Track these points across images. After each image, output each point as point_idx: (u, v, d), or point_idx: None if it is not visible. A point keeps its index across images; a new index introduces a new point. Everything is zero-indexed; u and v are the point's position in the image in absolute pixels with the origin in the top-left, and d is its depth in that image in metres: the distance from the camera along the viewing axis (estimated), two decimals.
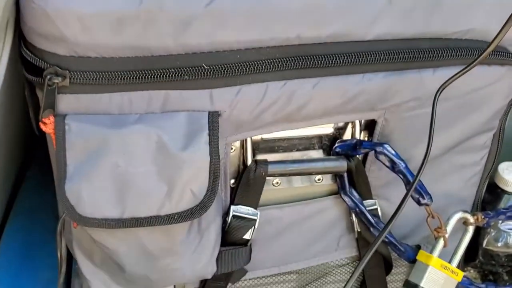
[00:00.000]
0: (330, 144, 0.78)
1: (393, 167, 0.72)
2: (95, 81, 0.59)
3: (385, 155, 0.72)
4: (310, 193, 0.80)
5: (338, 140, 0.76)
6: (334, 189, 0.80)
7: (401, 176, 0.72)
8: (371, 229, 0.78)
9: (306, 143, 0.77)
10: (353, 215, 0.80)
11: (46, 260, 0.90)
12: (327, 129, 0.77)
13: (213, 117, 0.63)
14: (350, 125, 0.76)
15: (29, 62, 0.60)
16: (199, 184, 0.62)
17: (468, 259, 0.97)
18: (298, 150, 0.77)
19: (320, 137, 0.77)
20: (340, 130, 0.77)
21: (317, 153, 0.78)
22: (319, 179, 0.78)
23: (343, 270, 0.90)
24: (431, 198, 0.73)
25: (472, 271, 1.01)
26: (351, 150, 0.74)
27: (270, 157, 0.75)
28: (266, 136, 0.74)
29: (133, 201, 0.61)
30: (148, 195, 0.61)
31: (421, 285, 0.77)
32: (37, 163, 1.10)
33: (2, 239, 0.92)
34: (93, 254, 0.68)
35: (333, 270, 0.88)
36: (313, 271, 0.87)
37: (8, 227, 0.95)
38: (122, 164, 0.60)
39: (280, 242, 0.80)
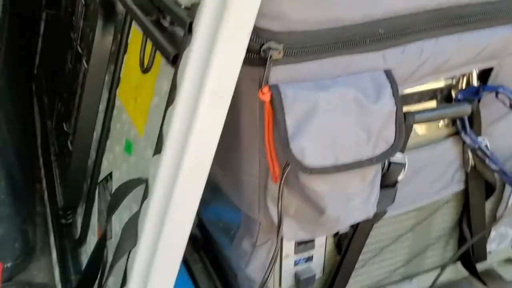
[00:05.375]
0: (447, 94, 0.92)
1: (510, 104, 0.87)
2: (301, 52, 0.70)
3: (505, 94, 0.87)
4: (433, 137, 0.94)
5: (460, 89, 0.90)
6: (451, 131, 0.95)
7: None
8: (487, 160, 0.93)
9: (431, 94, 0.90)
10: (469, 152, 0.95)
11: None
12: (448, 80, 0.90)
13: (389, 74, 0.76)
14: (465, 76, 0.90)
15: None
16: (389, 130, 0.74)
17: None
18: (424, 101, 0.90)
19: (441, 89, 0.90)
20: (457, 82, 0.91)
21: (435, 102, 0.92)
22: (442, 125, 0.92)
23: (449, 205, 1.05)
24: None
25: None
26: (472, 95, 0.89)
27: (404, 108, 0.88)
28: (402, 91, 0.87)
29: (342, 150, 0.72)
30: (353, 144, 0.72)
31: None
32: None
33: None
34: (288, 207, 0.78)
35: (442, 205, 1.03)
36: (428, 207, 1.01)
37: None
38: (331, 120, 0.71)
39: (411, 183, 0.93)
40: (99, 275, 0.91)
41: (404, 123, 0.83)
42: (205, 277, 1.08)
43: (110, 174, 1.04)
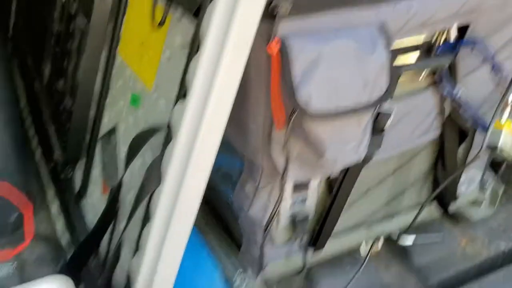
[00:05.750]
0: (428, 48, 1.01)
1: (484, 57, 0.98)
2: (306, 8, 0.77)
3: (480, 48, 0.97)
4: (416, 88, 1.03)
5: (440, 44, 1.00)
6: (430, 83, 1.05)
7: (488, 61, 0.98)
8: (462, 108, 1.04)
9: (414, 49, 0.99)
10: (446, 101, 1.05)
11: None
12: (429, 36, 0.99)
13: (382, 28, 0.84)
14: (444, 33, 1.00)
15: None
16: (383, 78, 0.83)
17: None
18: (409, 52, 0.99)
19: (423, 44, 1.00)
20: (437, 37, 1.00)
21: (416, 56, 1.01)
22: (422, 77, 1.02)
23: (425, 152, 1.16)
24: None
25: None
26: (450, 49, 0.98)
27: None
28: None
29: (343, 96, 0.80)
30: (352, 90, 0.81)
31: (499, 145, 1.05)
32: None
33: None
34: (290, 151, 0.86)
35: (420, 151, 1.14)
36: (408, 152, 1.12)
37: None
38: (333, 69, 0.79)
39: (395, 130, 1.03)
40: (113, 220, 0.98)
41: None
42: (206, 225, 1.16)
43: (114, 128, 1.09)
